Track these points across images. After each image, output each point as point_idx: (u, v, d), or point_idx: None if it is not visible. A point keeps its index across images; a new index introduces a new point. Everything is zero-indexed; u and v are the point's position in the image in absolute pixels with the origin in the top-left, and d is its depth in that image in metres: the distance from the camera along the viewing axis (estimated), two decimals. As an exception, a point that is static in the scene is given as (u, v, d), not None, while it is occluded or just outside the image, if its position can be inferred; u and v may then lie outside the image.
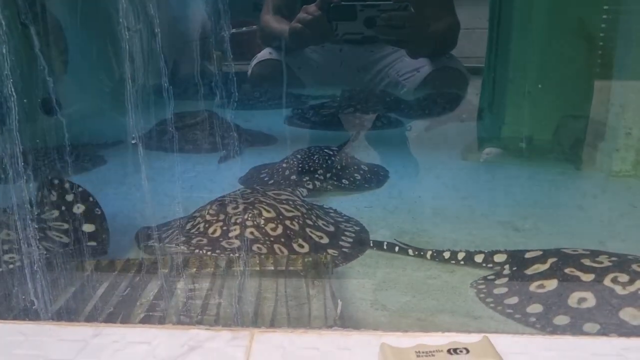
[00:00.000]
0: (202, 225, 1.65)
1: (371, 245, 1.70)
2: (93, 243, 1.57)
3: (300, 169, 2.28)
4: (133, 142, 1.22)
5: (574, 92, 2.51)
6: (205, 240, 1.58)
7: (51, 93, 1.37)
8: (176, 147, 1.55)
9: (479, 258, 1.56)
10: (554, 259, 1.41)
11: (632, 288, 1.25)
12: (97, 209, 1.64)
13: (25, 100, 1.39)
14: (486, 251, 1.57)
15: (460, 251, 1.59)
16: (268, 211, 1.70)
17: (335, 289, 1.38)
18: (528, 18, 2.67)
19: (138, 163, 1.29)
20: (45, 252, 1.38)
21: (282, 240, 1.64)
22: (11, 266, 1.32)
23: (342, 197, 2.13)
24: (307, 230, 1.73)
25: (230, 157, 2.63)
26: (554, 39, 2.58)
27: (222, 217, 1.66)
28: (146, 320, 1.23)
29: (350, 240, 1.75)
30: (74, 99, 2.81)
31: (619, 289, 1.26)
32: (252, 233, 1.63)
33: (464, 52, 3.72)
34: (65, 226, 1.57)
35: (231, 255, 1.51)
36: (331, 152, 2.40)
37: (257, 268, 1.47)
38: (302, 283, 1.41)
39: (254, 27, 5.16)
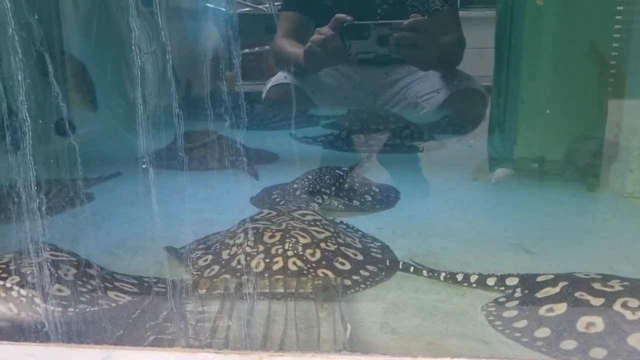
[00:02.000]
0: (242, 257, 1.63)
1: (400, 267, 1.69)
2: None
3: (311, 189, 2.28)
4: (144, 166, 1.23)
5: (585, 112, 2.50)
6: (252, 277, 1.56)
7: (64, 117, 1.40)
8: (185, 167, 1.57)
9: (491, 281, 1.55)
10: (565, 283, 1.40)
11: (642, 313, 1.24)
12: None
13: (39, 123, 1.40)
14: (498, 274, 1.56)
15: (473, 274, 1.59)
16: (304, 237, 1.69)
17: (344, 312, 1.38)
18: (539, 38, 2.68)
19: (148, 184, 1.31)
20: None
21: (324, 263, 1.64)
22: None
23: (352, 218, 2.13)
24: (342, 249, 1.73)
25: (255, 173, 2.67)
26: (565, 59, 2.58)
27: (261, 248, 1.64)
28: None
29: (379, 256, 1.76)
30: (87, 121, 2.86)
31: (628, 314, 1.24)
32: (294, 264, 1.61)
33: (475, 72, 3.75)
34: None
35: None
36: (342, 173, 2.41)
37: (267, 290, 1.48)
38: (311, 306, 1.41)
39: (266, 47, 5.23)
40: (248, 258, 1.62)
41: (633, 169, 2.24)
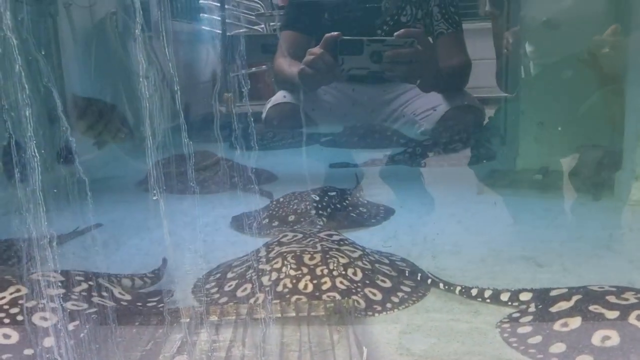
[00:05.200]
0: (287, 281, 1.60)
1: (429, 281, 1.69)
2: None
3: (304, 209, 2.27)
4: (154, 198, 1.23)
5: (588, 121, 2.51)
6: (304, 298, 1.55)
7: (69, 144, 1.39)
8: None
9: (504, 296, 1.54)
10: (579, 297, 1.40)
11: (658, 325, 1.23)
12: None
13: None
14: (512, 289, 1.55)
15: (488, 289, 1.58)
16: (342, 257, 1.68)
17: (359, 335, 1.37)
18: (540, 48, 2.70)
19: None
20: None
21: (367, 282, 1.63)
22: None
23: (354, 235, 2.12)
24: (377, 266, 1.73)
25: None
26: (566, 68, 2.59)
27: (305, 270, 1.63)
28: None
29: (408, 270, 1.76)
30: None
31: (645, 328, 1.23)
32: (342, 283, 1.60)
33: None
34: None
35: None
36: (334, 193, 2.41)
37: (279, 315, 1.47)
38: (325, 330, 1.41)
39: (263, 66, 5.25)
40: (294, 281, 1.60)
41: (639, 176, 2.24)
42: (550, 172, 2.59)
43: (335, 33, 2.91)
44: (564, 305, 1.40)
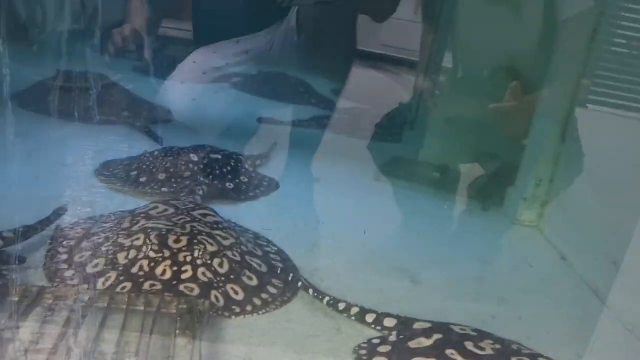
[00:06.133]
0: (145, 263, 1.45)
1: (299, 284, 1.60)
2: None
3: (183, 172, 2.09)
4: None
5: (493, 128, 2.48)
6: (159, 285, 1.40)
7: None
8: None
9: (370, 317, 1.49)
10: (440, 336, 1.36)
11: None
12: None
13: None
14: (379, 312, 1.49)
15: (355, 306, 1.51)
16: (211, 244, 1.53)
17: (206, 345, 1.27)
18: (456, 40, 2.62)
19: None
20: None
21: (232, 277, 1.50)
22: None
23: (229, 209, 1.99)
24: (247, 258, 1.60)
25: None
26: (480, 68, 2.53)
27: (167, 253, 1.46)
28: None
29: (280, 266, 1.66)
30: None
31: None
32: (204, 274, 1.46)
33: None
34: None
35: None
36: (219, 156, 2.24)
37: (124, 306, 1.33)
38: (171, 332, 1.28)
39: None
40: (152, 264, 1.45)
41: (527, 198, 2.25)
42: (448, 172, 2.56)
43: None
44: (423, 342, 1.36)
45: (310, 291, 1.58)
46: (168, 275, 1.44)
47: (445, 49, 2.63)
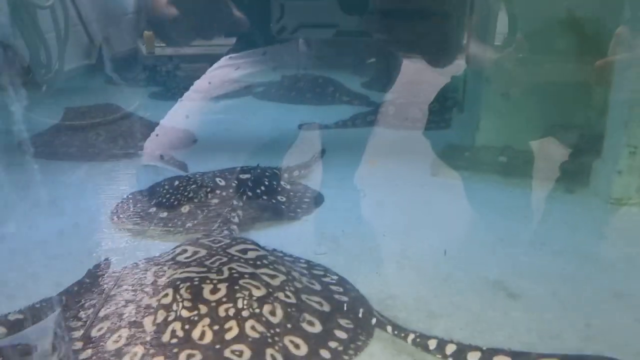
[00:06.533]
0: (178, 326, 1.15)
1: (373, 321, 1.29)
2: None
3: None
4: None
5: (564, 96, 2.10)
6: (199, 355, 1.10)
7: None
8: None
9: (473, 356, 1.14)
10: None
11: None
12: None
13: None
14: (483, 348, 1.14)
15: (450, 342, 1.18)
16: (257, 287, 1.22)
17: None
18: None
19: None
20: None
21: (289, 326, 1.20)
22: None
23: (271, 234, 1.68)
24: (304, 297, 1.30)
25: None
26: (541, 29, 2.15)
27: (203, 309, 1.16)
28: None
29: (345, 299, 1.35)
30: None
31: None
32: (254, 329, 1.15)
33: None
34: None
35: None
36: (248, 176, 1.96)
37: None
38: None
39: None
40: (187, 326, 1.14)
41: (622, 171, 1.87)
42: (514, 153, 2.19)
43: None
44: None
45: (389, 328, 1.25)
46: (208, 337, 1.13)
47: (498, 10, 2.26)
